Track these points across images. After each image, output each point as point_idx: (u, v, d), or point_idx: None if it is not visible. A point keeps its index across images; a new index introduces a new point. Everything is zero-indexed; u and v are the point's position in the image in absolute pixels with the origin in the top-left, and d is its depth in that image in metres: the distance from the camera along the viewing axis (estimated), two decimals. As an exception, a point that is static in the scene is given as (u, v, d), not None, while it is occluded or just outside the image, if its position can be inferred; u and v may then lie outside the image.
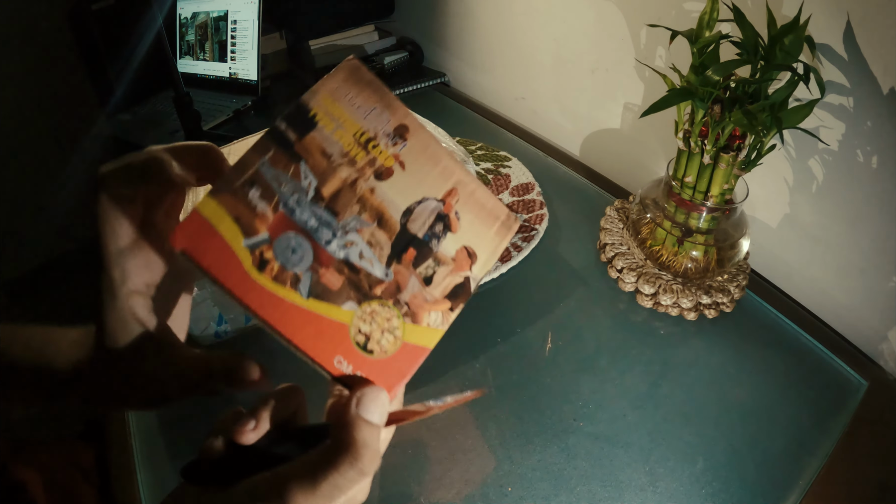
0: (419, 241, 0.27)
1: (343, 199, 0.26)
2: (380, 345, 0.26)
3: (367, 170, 0.26)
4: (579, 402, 0.51)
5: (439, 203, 0.28)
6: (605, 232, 0.68)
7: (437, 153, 0.28)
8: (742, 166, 0.53)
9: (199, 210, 0.24)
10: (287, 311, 0.24)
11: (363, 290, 0.26)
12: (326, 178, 0.26)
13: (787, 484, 0.45)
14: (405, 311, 0.26)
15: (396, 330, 0.26)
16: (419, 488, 0.45)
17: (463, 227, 0.28)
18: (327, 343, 0.25)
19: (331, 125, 0.26)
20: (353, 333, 0.25)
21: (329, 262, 0.25)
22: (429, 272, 0.27)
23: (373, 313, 0.26)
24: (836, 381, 0.54)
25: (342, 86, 0.26)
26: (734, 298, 0.60)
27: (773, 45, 0.47)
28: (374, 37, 1.24)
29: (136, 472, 0.48)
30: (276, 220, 0.25)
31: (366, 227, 0.26)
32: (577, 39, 0.82)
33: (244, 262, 0.24)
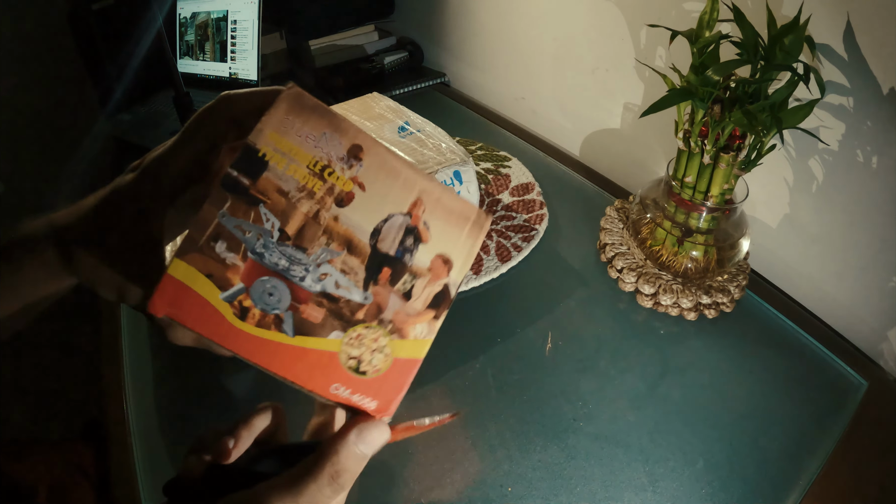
0: (391, 258, 0.27)
1: (309, 234, 0.26)
2: (371, 365, 0.26)
3: (327, 199, 0.26)
4: (579, 402, 0.51)
5: (406, 217, 0.27)
6: (605, 232, 0.68)
7: (396, 166, 0.27)
8: (742, 166, 0.53)
9: (171, 274, 0.24)
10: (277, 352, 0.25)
11: (345, 317, 0.26)
12: (288, 216, 0.26)
13: (787, 484, 0.45)
14: (391, 329, 0.27)
15: (385, 348, 0.27)
16: (419, 488, 0.45)
17: (434, 235, 0.28)
18: (321, 374, 0.26)
19: (283, 161, 0.26)
20: (344, 360, 0.26)
21: (307, 298, 0.26)
22: (407, 287, 0.27)
23: (359, 337, 0.26)
24: (836, 381, 0.54)
25: (286, 118, 0.26)
26: (734, 298, 0.60)
27: (773, 45, 0.47)
28: (373, 37, 1.24)
29: (136, 472, 0.48)
30: (247, 269, 0.25)
31: (336, 256, 0.26)
32: (577, 39, 0.82)
33: (226, 315, 0.25)
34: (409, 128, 0.70)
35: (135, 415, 0.53)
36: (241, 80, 1.10)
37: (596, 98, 0.83)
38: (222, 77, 1.13)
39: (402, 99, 1.05)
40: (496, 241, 0.69)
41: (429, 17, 1.16)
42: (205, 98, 1.13)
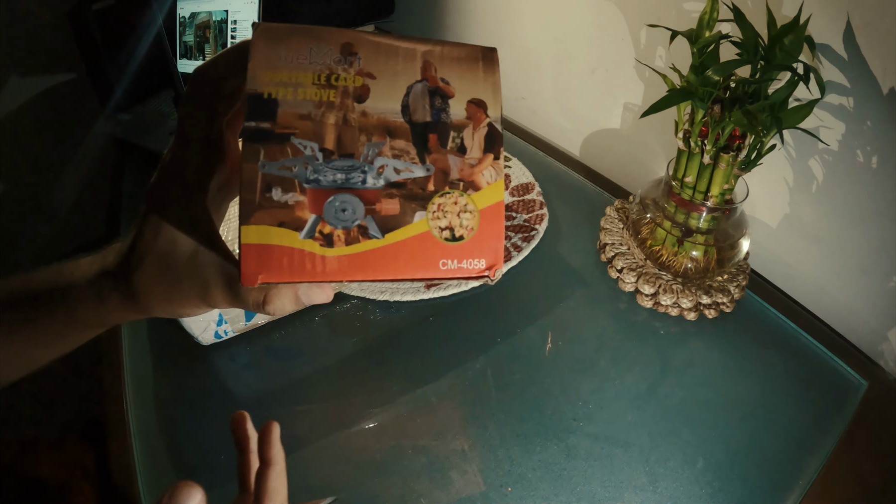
0: (431, 123, 0.27)
1: (347, 139, 0.26)
2: (463, 227, 0.26)
3: (347, 101, 0.27)
4: (579, 402, 0.51)
5: (423, 82, 0.27)
6: (605, 232, 0.68)
7: (390, 45, 0.27)
8: (742, 166, 0.53)
9: (245, 242, 0.24)
10: (376, 259, 0.25)
11: (419, 195, 0.26)
12: (321, 134, 0.26)
13: (787, 484, 0.45)
14: (463, 186, 0.27)
15: (468, 205, 0.27)
16: (419, 488, 0.45)
17: (456, 86, 0.28)
18: (423, 257, 0.26)
19: (288, 91, 0.26)
20: (438, 234, 0.26)
21: (377, 196, 0.26)
22: (457, 142, 0.27)
23: (440, 206, 0.26)
24: (836, 381, 0.54)
25: (268, 53, 0.26)
26: (734, 298, 0.60)
27: (773, 45, 0.47)
28: (374, 37, 1.24)
29: (136, 472, 0.48)
30: (311, 199, 0.25)
31: (382, 146, 0.26)
32: (577, 39, 0.82)
33: (314, 251, 0.25)
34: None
35: (135, 415, 0.53)
36: (241, 80, 1.10)
37: (596, 98, 0.83)
38: (222, 77, 1.13)
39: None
40: (496, 241, 0.69)
41: (429, 18, 1.16)
42: (205, 98, 1.12)
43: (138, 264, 0.27)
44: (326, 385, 0.54)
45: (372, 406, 0.51)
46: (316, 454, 0.48)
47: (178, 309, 0.28)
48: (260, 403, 0.53)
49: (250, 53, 0.26)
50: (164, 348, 0.60)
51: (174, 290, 0.28)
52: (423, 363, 0.55)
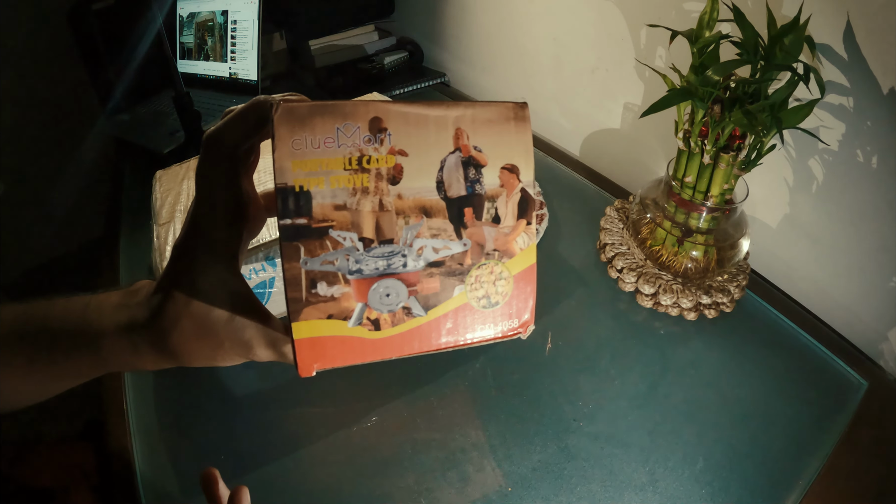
0: (466, 198, 0.27)
1: (386, 225, 0.26)
2: (498, 293, 0.28)
3: (380, 185, 0.26)
4: (579, 402, 0.51)
5: (456, 152, 0.27)
6: (605, 232, 0.68)
7: (420, 115, 0.27)
8: (742, 166, 0.53)
9: (297, 338, 0.25)
10: (421, 334, 0.27)
11: (457, 271, 0.27)
12: (359, 223, 0.26)
13: (787, 484, 0.45)
14: (498, 256, 0.28)
15: (503, 273, 0.28)
16: (419, 488, 0.45)
17: (488, 153, 0.28)
18: (464, 325, 0.27)
19: (321, 180, 0.25)
20: (476, 303, 0.27)
21: (418, 278, 0.27)
22: (492, 213, 0.28)
23: (478, 278, 0.27)
24: (836, 381, 0.54)
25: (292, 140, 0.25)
26: (734, 298, 0.60)
27: (773, 45, 0.47)
28: (373, 37, 1.24)
29: (136, 472, 0.48)
30: (356, 289, 0.26)
31: (419, 227, 0.27)
32: (577, 39, 0.82)
33: (363, 336, 0.26)
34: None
35: (135, 415, 0.53)
36: (241, 80, 1.10)
37: (596, 98, 0.83)
38: (222, 77, 1.13)
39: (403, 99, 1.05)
40: (496, 241, 0.69)
41: (429, 18, 1.16)
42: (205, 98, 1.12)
43: (173, 326, 0.27)
44: (326, 385, 0.54)
45: (372, 406, 0.51)
46: (316, 454, 0.48)
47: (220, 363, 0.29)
48: (260, 403, 0.53)
49: (274, 142, 0.24)
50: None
51: (215, 352, 0.28)
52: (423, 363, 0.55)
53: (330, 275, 0.25)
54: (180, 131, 0.94)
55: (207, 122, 0.99)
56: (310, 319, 0.25)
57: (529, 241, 0.28)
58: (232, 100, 1.07)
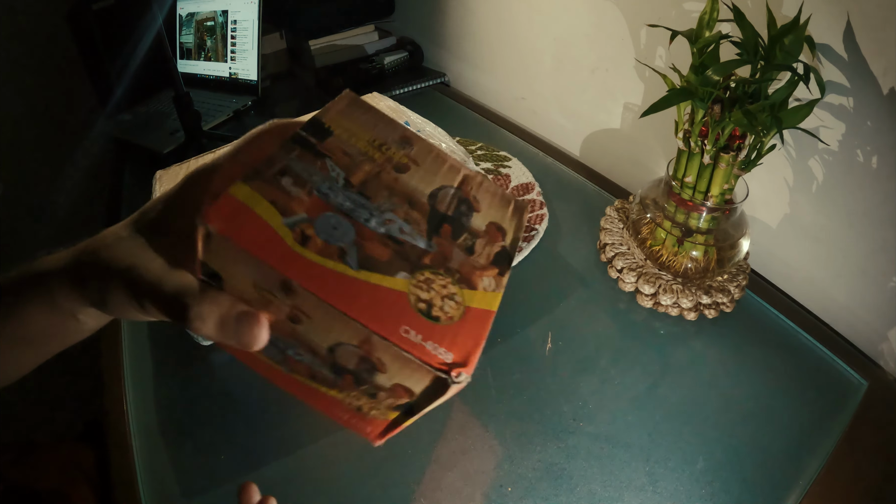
0: (450, 217, 0.28)
1: (372, 186, 0.27)
2: (443, 311, 0.24)
3: (387, 165, 0.28)
4: (579, 402, 0.51)
5: (457, 189, 0.29)
6: (605, 232, 0.68)
7: (442, 155, 0.30)
8: (742, 166, 0.53)
9: (232, 193, 0.23)
10: (339, 283, 0.23)
11: (412, 259, 0.25)
12: (352, 170, 0.27)
13: (787, 484, 0.45)
14: (458, 278, 0.26)
15: (455, 296, 0.25)
16: (419, 488, 0.45)
17: (483, 208, 0.29)
18: (389, 312, 0.24)
19: (345, 134, 0.29)
20: (413, 301, 0.24)
21: (372, 237, 0.25)
22: (468, 243, 0.27)
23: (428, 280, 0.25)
24: (836, 381, 0.54)
25: (347, 108, 0.30)
26: (734, 298, 0.59)
27: (773, 45, 0.47)
28: (373, 37, 1.24)
29: (136, 472, 0.48)
30: (312, 203, 0.25)
31: (399, 207, 0.27)
32: (577, 39, 0.82)
33: (286, 238, 0.23)
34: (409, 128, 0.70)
35: (135, 415, 0.53)
36: (241, 80, 1.10)
37: (596, 98, 0.83)
38: (222, 77, 1.13)
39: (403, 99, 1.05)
40: (496, 241, 0.69)
41: (429, 18, 1.16)
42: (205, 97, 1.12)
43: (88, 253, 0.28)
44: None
45: (372, 406, 0.51)
46: (316, 454, 0.48)
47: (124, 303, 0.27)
48: (259, 404, 0.53)
49: (334, 101, 0.30)
50: (164, 349, 0.60)
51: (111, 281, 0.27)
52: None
53: (301, 180, 0.25)
54: (180, 131, 0.94)
55: (207, 121, 0.99)
56: (255, 191, 0.24)
57: (497, 289, 0.26)
58: (232, 100, 1.07)
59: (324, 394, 0.27)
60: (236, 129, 1.01)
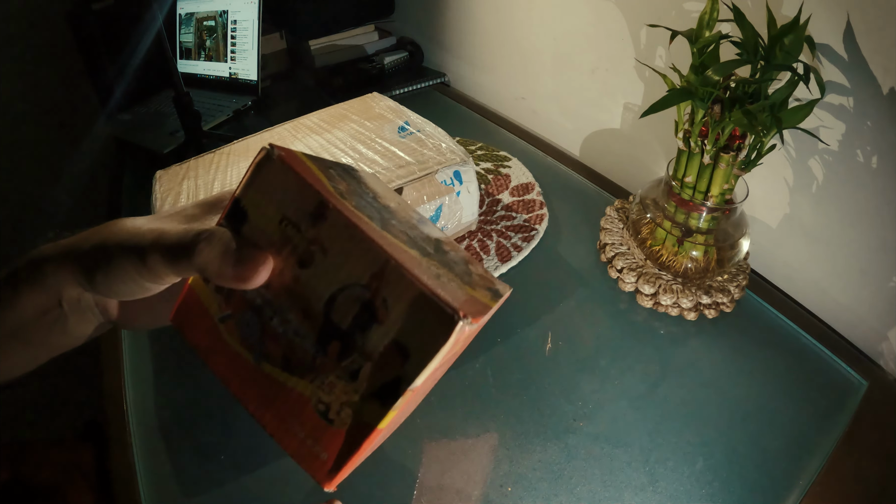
0: (342, 332, 0.25)
1: (275, 285, 0.26)
2: (339, 416, 0.25)
3: (290, 259, 0.26)
4: (579, 402, 0.51)
5: (364, 289, 0.24)
6: (605, 232, 0.68)
7: (358, 233, 0.25)
8: (742, 166, 0.53)
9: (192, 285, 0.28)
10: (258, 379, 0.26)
11: (304, 366, 0.26)
12: None
13: (787, 484, 0.45)
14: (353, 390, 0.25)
15: (354, 404, 0.25)
16: (420, 488, 0.45)
17: (392, 318, 0.24)
18: (291, 409, 0.25)
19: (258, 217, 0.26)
20: (314, 402, 0.25)
21: (273, 336, 0.26)
22: (353, 367, 0.25)
23: (330, 385, 0.25)
24: (836, 381, 0.54)
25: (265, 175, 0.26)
26: (734, 298, 0.59)
27: (773, 45, 0.47)
28: (373, 37, 1.24)
29: (136, 472, 0.48)
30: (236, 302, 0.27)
31: (295, 313, 0.26)
32: (577, 39, 0.82)
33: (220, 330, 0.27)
34: (409, 128, 0.70)
35: (135, 415, 0.53)
36: (242, 79, 1.10)
37: (596, 98, 0.83)
38: (222, 77, 1.13)
39: (403, 99, 1.05)
40: (496, 241, 0.69)
41: (429, 18, 1.16)
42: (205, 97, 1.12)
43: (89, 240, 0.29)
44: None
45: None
46: (316, 454, 0.48)
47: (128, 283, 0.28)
48: None
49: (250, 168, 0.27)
50: (164, 348, 0.60)
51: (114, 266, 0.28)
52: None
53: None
54: (180, 131, 0.94)
55: (207, 121, 0.99)
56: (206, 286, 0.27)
57: (379, 415, 0.24)
58: (232, 100, 1.07)
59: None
60: (236, 129, 1.01)
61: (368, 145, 0.67)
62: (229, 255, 0.25)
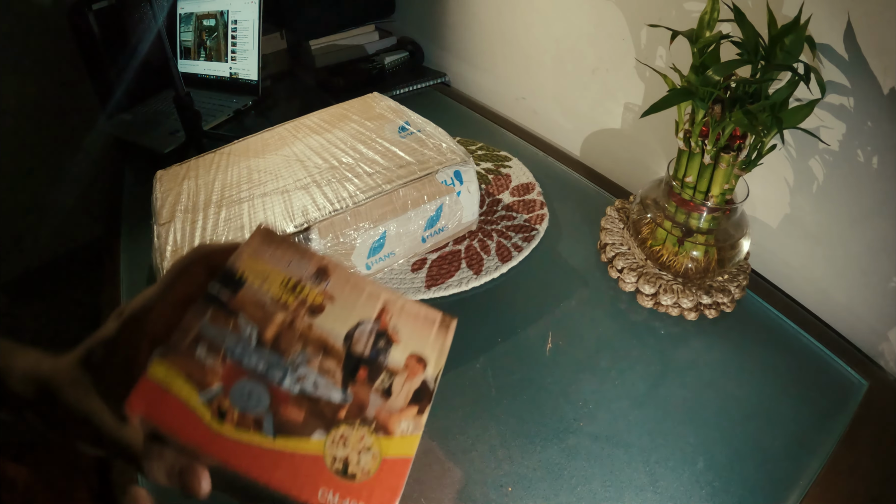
0: (366, 359, 0.28)
1: (285, 340, 0.27)
2: (359, 466, 0.25)
3: (300, 310, 0.28)
4: (580, 402, 0.51)
5: (375, 323, 0.29)
6: (606, 232, 0.68)
7: (360, 282, 0.30)
8: (742, 166, 0.53)
9: (149, 375, 0.24)
10: (257, 456, 0.24)
11: (327, 417, 0.26)
12: (265, 324, 0.27)
13: (788, 484, 0.45)
14: (375, 427, 0.26)
15: (372, 448, 0.26)
16: (419, 488, 0.45)
17: (404, 337, 0.29)
18: (306, 478, 0.24)
19: (258, 280, 0.29)
20: (330, 462, 0.25)
21: (287, 399, 0.26)
22: (385, 385, 0.28)
23: (343, 437, 0.26)
24: (836, 381, 0.54)
25: (260, 247, 0.30)
26: (735, 298, 0.59)
27: (773, 45, 0.47)
28: (374, 37, 1.24)
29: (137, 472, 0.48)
30: (226, 371, 0.25)
31: (313, 358, 0.27)
32: (577, 39, 0.82)
33: (203, 417, 0.24)
34: (409, 128, 0.70)
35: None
36: (242, 79, 1.10)
37: (596, 98, 0.83)
38: (223, 77, 1.13)
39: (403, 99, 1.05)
40: (497, 241, 0.69)
41: (429, 17, 1.16)
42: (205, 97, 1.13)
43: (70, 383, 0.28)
44: None
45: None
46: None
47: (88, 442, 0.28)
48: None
49: (247, 240, 0.30)
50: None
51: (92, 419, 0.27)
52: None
53: (214, 346, 0.26)
54: (181, 131, 0.94)
55: (208, 121, 0.99)
56: (171, 367, 0.25)
57: (415, 430, 0.27)
58: (233, 99, 1.07)
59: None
60: (237, 129, 1.01)
61: (369, 145, 0.67)
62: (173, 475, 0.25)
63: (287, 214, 0.57)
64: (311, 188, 0.61)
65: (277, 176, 0.64)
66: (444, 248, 0.69)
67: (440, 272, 0.65)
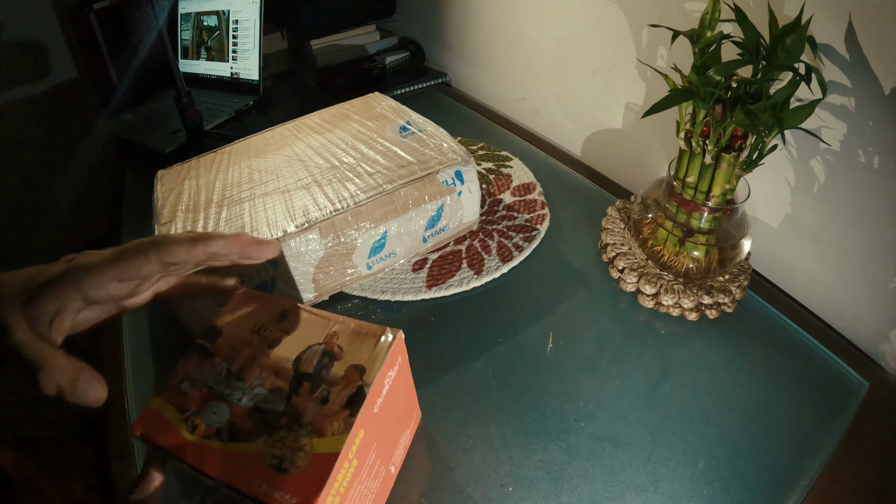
0: (310, 375, 0.35)
1: (247, 369, 0.36)
2: (293, 463, 0.31)
3: (262, 345, 0.37)
4: (580, 402, 0.51)
5: (322, 345, 0.36)
6: (607, 232, 0.68)
7: (313, 316, 0.38)
8: (743, 166, 0.53)
9: (150, 406, 0.35)
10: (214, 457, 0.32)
11: (271, 424, 0.33)
12: (234, 359, 0.36)
13: (789, 484, 0.45)
14: (310, 430, 0.32)
15: (305, 447, 0.32)
16: (419, 488, 0.45)
17: (347, 354, 0.36)
18: (247, 472, 0.31)
19: (233, 329, 0.38)
20: (268, 459, 0.31)
21: (242, 413, 0.33)
22: (324, 394, 0.34)
23: (281, 439, 0.32)
24: (837, 381, 0.54)
25: (238, 304, 0.39)
26: (736, 299, 0.59)
27: (774, 46, 0.47)
28: (375, 36, 1.24)
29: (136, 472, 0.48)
30: (202, 397, 0.34)
31: (267, 380, 0.35)
32: (578, 39, 0.82)
33: (181, 431, 0.33)
34: (410, 127, 0.70)
35: (135, 415, 0.53)
36: (243, 79, 1.10)
37: (597, 98, 0.83)
38: (224, 77, 1.13)
39: (404, 98, 1.05)
40: (497, 241, 0.69)
41: (430, 17, 1.16)
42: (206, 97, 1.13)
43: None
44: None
45: (373, 406, 0.51)
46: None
47: None
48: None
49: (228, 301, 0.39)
50: (164, 348, 0.60)
51: None
52: (423, 363, 0.55)
53: (195, 381, 0.35)
54: (182, 131, 0.94)
55: (209, 121, 0.99)
56: (165, 400, 0.35)
57: (344, 430, 0.32)
58: (233, 99, 1.07)
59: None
60: (238, 128, 1.01)
61: (370, 145, 0.67)
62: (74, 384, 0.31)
63: (288, 214, 0.57)
64: (312, 188, 0.61)
65: (278, 176, 0.64)
66: (445, 247, 0.69)
67: (441, 272, 0.65)
